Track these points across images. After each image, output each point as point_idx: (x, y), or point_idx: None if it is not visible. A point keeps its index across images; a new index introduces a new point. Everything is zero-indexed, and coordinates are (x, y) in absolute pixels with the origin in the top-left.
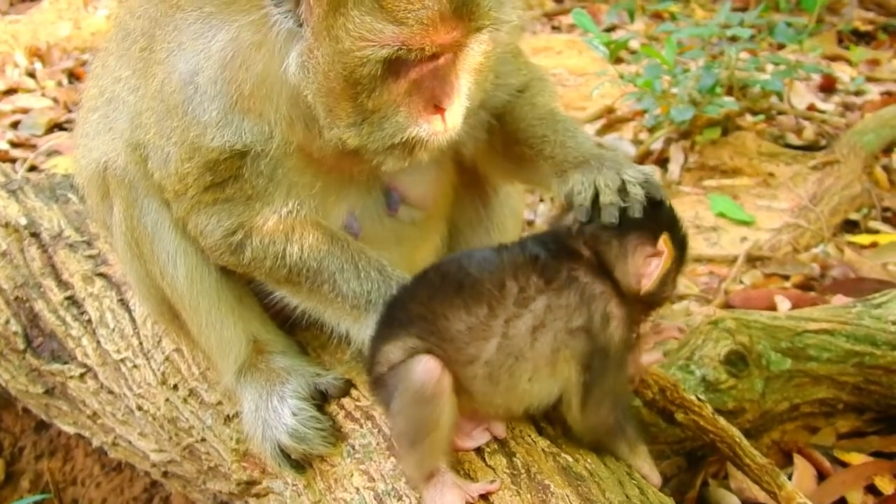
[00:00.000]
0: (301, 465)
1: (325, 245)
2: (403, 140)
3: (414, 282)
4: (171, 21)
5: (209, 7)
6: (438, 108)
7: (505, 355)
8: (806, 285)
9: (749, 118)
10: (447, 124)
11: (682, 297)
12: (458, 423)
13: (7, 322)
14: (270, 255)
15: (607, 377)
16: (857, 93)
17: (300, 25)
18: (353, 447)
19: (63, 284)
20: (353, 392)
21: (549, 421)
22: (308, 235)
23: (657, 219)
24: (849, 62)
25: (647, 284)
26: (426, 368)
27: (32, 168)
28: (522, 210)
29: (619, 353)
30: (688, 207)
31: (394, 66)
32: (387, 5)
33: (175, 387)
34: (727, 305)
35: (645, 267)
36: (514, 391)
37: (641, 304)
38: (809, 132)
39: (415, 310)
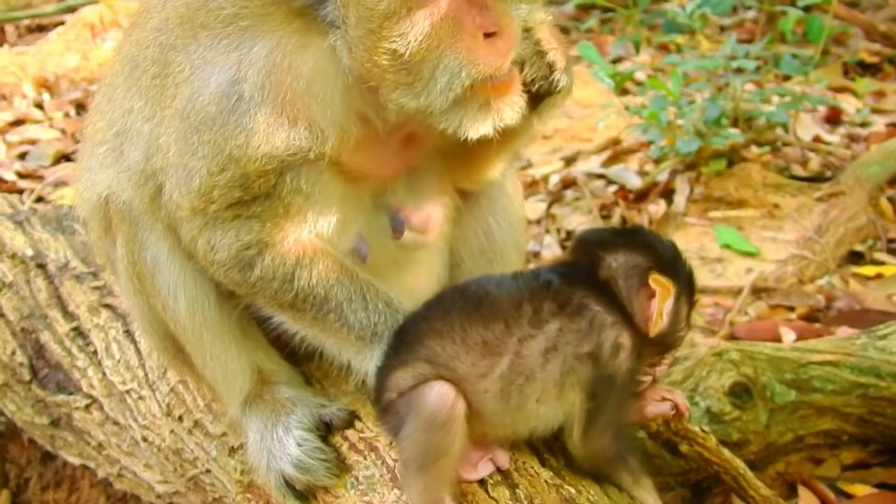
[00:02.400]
0: (305, 496)
1: (334, 273)
2: (466, 85)
3: (425, 305)
4: (192, 42)
5: (244, 21)
6: (489, 35)
7: (516, 373)
8: (811, 317)
9: (754, 150)
10: (507, 48)
11: None
12: (465, 452)
13: (13, 353)
14: (279, 276)
15: (611, 406)
16: (863, 124)
17: (338, 13)
18: (357, 479)
19: (69, 315)
20: (357, 423)
21: (551, 452)
22: (318, 262)
23: (654, 258)
24: (854, 94)
25: (653, 326)
26: (440, 394)
27: (39, 199)
28: (525, 241)
29: (626, 384)
30: (693, 239)
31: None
32: None
33: (180, 418)
34: (732, 337)
35: (648, 309)
36: (522, 411)
37: (655, 346)
38: (815, 164)
39: (427, 328)
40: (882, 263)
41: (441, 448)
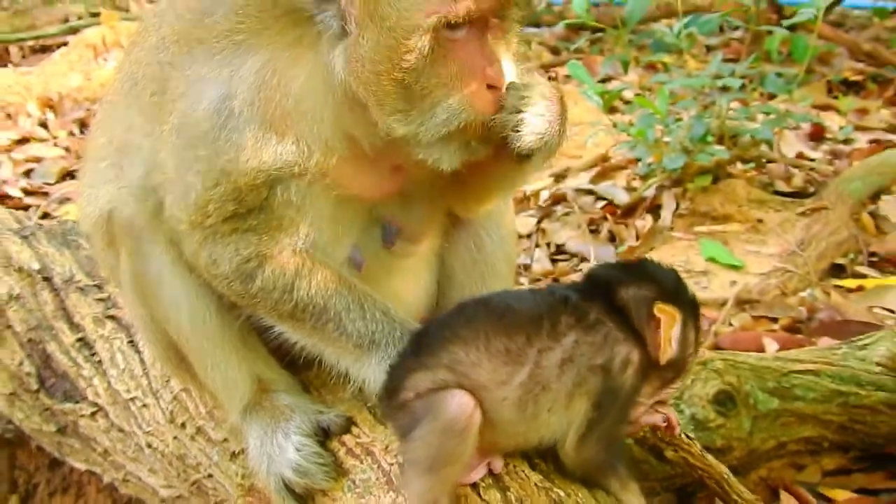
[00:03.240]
0: (304, 499)
1: (332, 284)
2: (459, 126)
3: (448, 314)
4: (187, 58)
5: (240, 35)
6: (492, 87)
7: (534, 383)
8: (793, 328)
9: (739, 166)
10: (500, 101)
11: None
12: (472, 460)
13: (21, 363)
14: (280, 286)
15: (611, 418)
16: (846, 141)
17: (343, 24)
18: (354, 482)
19: (75, 327)
20: (354, 429)
21: (541, 457)
22: (317, 273)
23: (658, 288)
24: (838, 111)
25: (662, 354)
26: (460, 403)
27: (45, 215)
28: (515, 253)
29: (628, 398)
30: (679, 252)
31: (441, 41)
32: None
33: (183, 425)
34: (716, 347)
35: (658, 337)
36: (536, 419)
37: (667, 371)
38: (798, 179)
39: (451, 335)
40: (863, 276)
41: (454, 454)
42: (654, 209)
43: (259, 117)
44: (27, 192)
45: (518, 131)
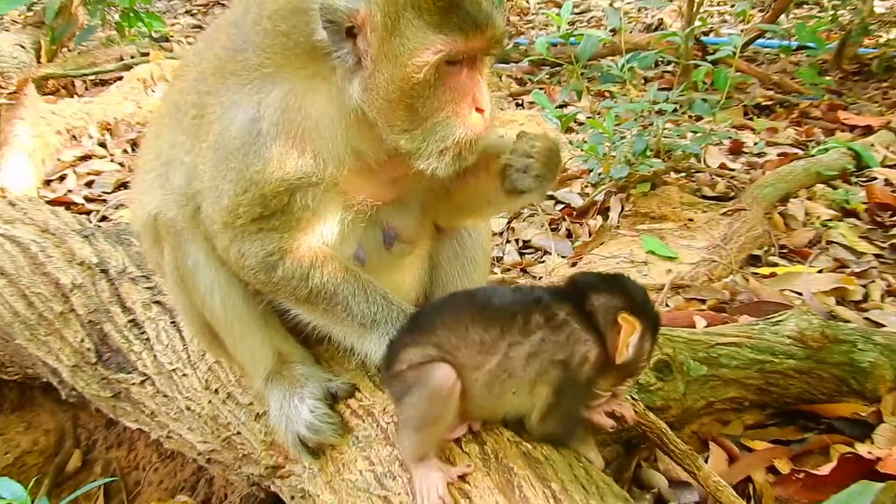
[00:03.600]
0: (316, 452)
1: (341, 273)
2: (455, 141)
3: (440, 300)
4: (223, 87)
5: (268, 69)
6: (479, 110)
7: (502, 370)
8: (718, 308)
9: (673, 175)
10: (486, 122)
11: None
12: (454, 422)
13: (82, 340)
14: (297, 276)
15: (568, 404)
16: (759, 154)
17: (358, 59)
18: (358, 438)
19: (127, 310)
20: (357, 394)
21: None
22: (328, 264)
23: (627, 302)
24: (753, 130)
25: (619, 356)
26: (444, 374)
27: (103, 218)
28: (490, 248)
29: (584, 388)
30: (624, 246)
31: (441, 74)
32: (433, 21)
33: (216, 391)
34: None
35: (617, 341)
36: (500, 399)
37: (620, 371)
38: (721, 186)
39: (439, 320)
40: (775, 265)
41: (438, 416)
42: (604, 211)
43: (283, 136)
44: (88, 200)
45: (525, 172)
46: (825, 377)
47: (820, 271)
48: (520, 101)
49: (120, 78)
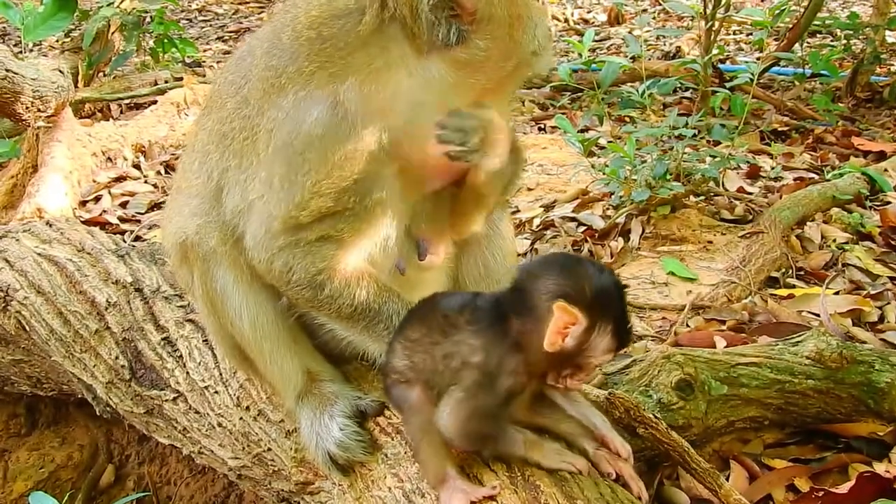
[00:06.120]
0: (346, 469)
1: (385, 293)
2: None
3: (416, 305)
4: (280, 98)
5: (332, 68)
6: None
7: (426, 368)
8: (738, 328)
9: (693, 198)
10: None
11: (640, 338)
12: None
13: (117, 358)
14: (345, 294)
15: (480, 402)
16: (776, 179)
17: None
18: (387, 455)
19: (160, 328)
20: (386, 412)
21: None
22: (372, 284)
23: (572, 290)
24: (769, 155)
25: (546, 344)
26: (418, 396)
27: (137, 238)
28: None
29: (498, 392)
30: (645, 268)
31: None
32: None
33: (247, 408)
34: (677, 344)
35: (545, 329)
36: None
37: (562, 363)
38: (739, 209)
39: (402, 324)
40: (793, 286)
41: (421, 430)
42: (625, 233)
43: (370, 114)
44: (123, 220)
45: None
46: (843, 397)
47: (836, 293)
48: (542, 126)
49: (154, 102)
